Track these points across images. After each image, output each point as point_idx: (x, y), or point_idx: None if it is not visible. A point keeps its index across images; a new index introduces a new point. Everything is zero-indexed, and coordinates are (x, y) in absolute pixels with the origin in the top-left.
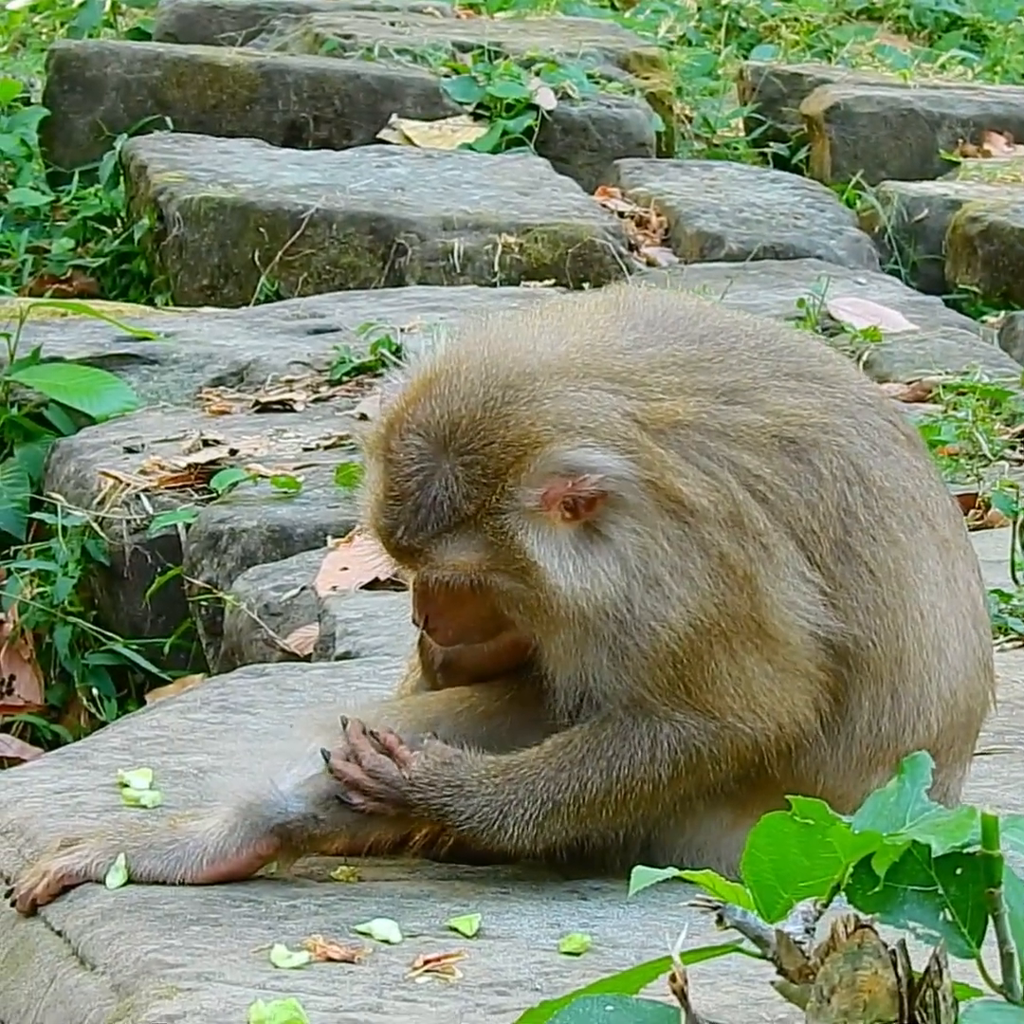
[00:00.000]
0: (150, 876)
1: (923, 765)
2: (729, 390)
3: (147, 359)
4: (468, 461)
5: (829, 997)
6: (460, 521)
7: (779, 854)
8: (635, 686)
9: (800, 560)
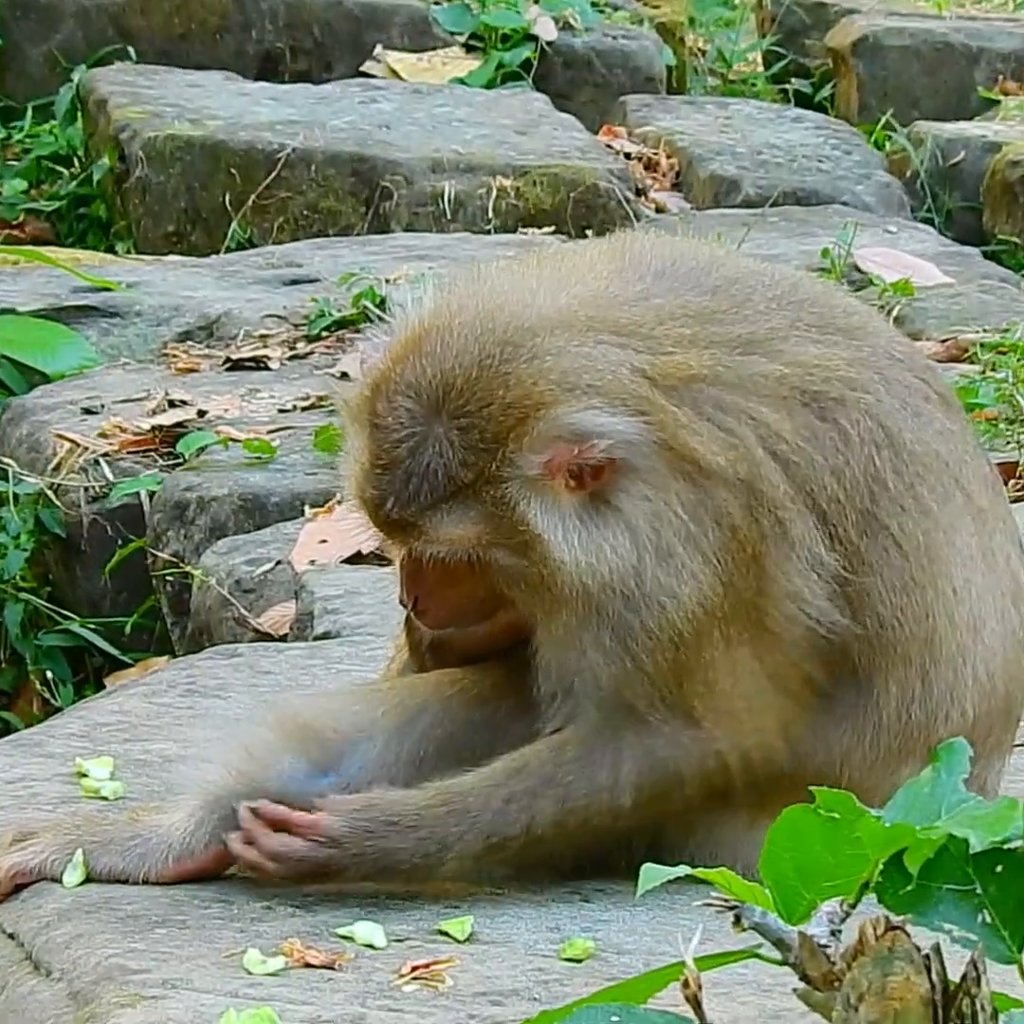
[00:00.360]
0: (110, 874)
1: (960, 752)
2: (745, 342)
3: (107, 311)
4: (464, 425)
5: (856, 1006)
6: (456, 491)
7: (801, 850)
8: (632, 671)
9: (818, 538)
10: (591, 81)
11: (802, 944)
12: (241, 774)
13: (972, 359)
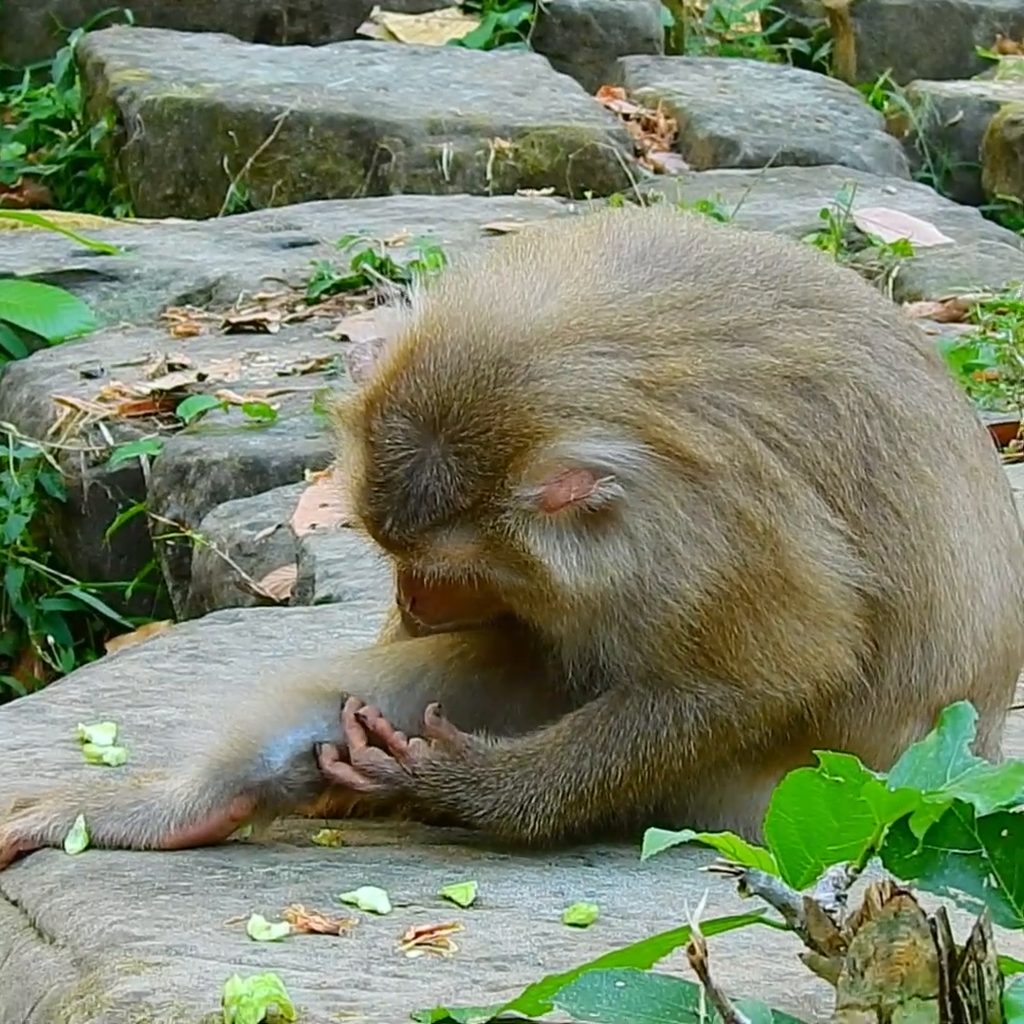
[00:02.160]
0: (113, 840)
1: (965, 717)
2: (733, 329)
3: (106, 275)
4: (462, 450)
5: (863, 970)
6: (455, 514)
7: (806, 814)
8: (652, 659)
9: (822, 507)
10: (589, 42)
11: (808, 909)
12: (243, 740)
13: (972, 319)
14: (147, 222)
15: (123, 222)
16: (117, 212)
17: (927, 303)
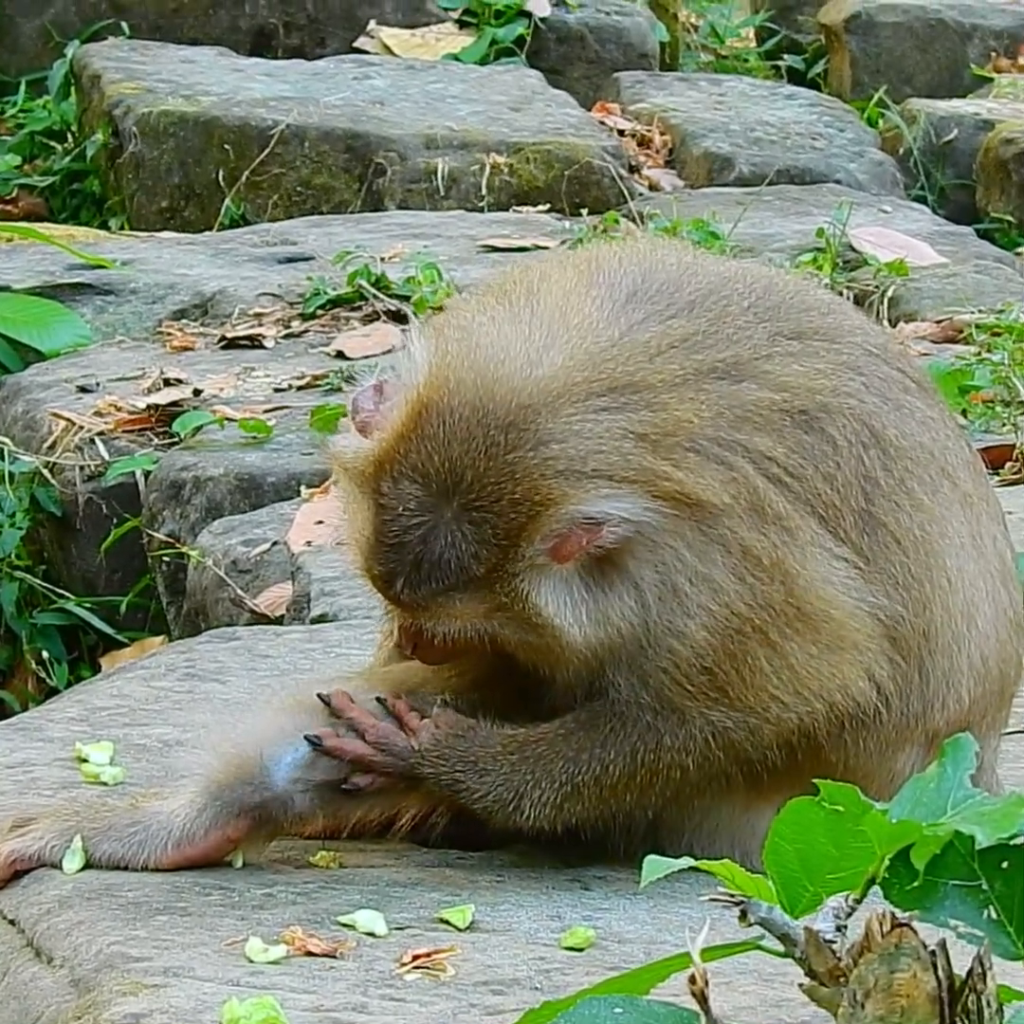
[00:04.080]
0: (110, 860)
1: (966, 748)
2: (731, 365)
3: (102, 289)
4: (476, 519)
5: (863, 1002)
6: (468, 580)
7: (805, 843)
8: (662, 694)
9: (826, 538)
10: (584, 57)
11: (808, 939)
12: (240, 762)
13: (967, 340)
14: (143, 235)
15: (119, 236)
16: (112, 224)
17: (922, 323)
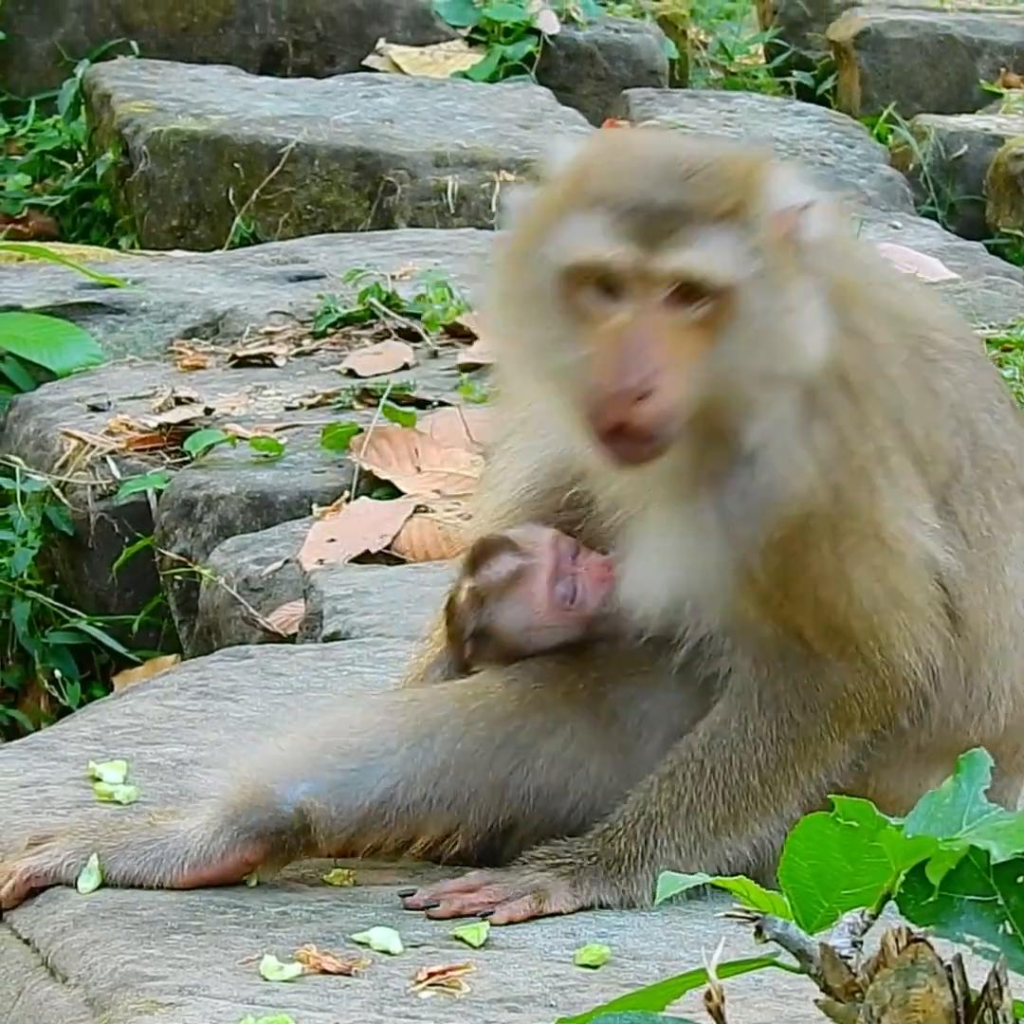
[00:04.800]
0: (126, 878)
1: (981, 763)
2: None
3: (113, 308)
4: (708, 173)
5: (879, 1017)
6: (720, 217)
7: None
8: (744, 565)
9: (914, 477)
10: (594, 74)
11: (824, 955)
12: (258, 788)
13: None
14: (153, 254)
15: (130, 254)
16: (122, 243)
17: None
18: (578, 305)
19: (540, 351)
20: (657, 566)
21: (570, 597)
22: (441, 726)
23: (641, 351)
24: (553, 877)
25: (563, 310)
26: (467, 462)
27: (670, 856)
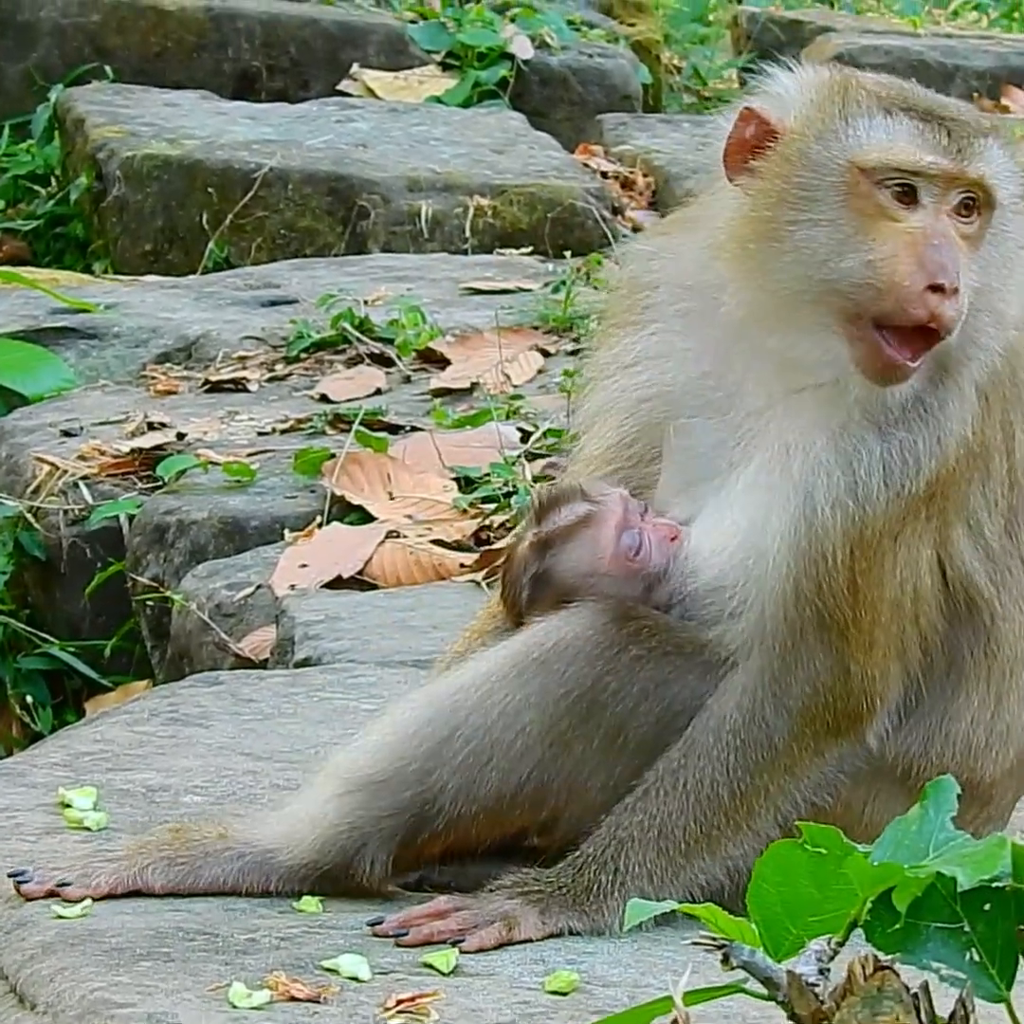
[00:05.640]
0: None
1: (948, 790)
2: None
3: (85, 333)
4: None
5: None
6: (1001, 139)
7: (788, 886)
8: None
9: (982, 503)
10: (567, 99)
11: (790, 983)
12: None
13: None
14: (126, 279)
15: (102, 279)
16: (96, 268)
17: None
18: (870, 206)
19: (817, 252)
20: (728, 525)
21: (635, 549)
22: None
23: (950, 252)
24: (522, 904)
25: (854, 209)
26: (439, 487)
27: (640, 882)
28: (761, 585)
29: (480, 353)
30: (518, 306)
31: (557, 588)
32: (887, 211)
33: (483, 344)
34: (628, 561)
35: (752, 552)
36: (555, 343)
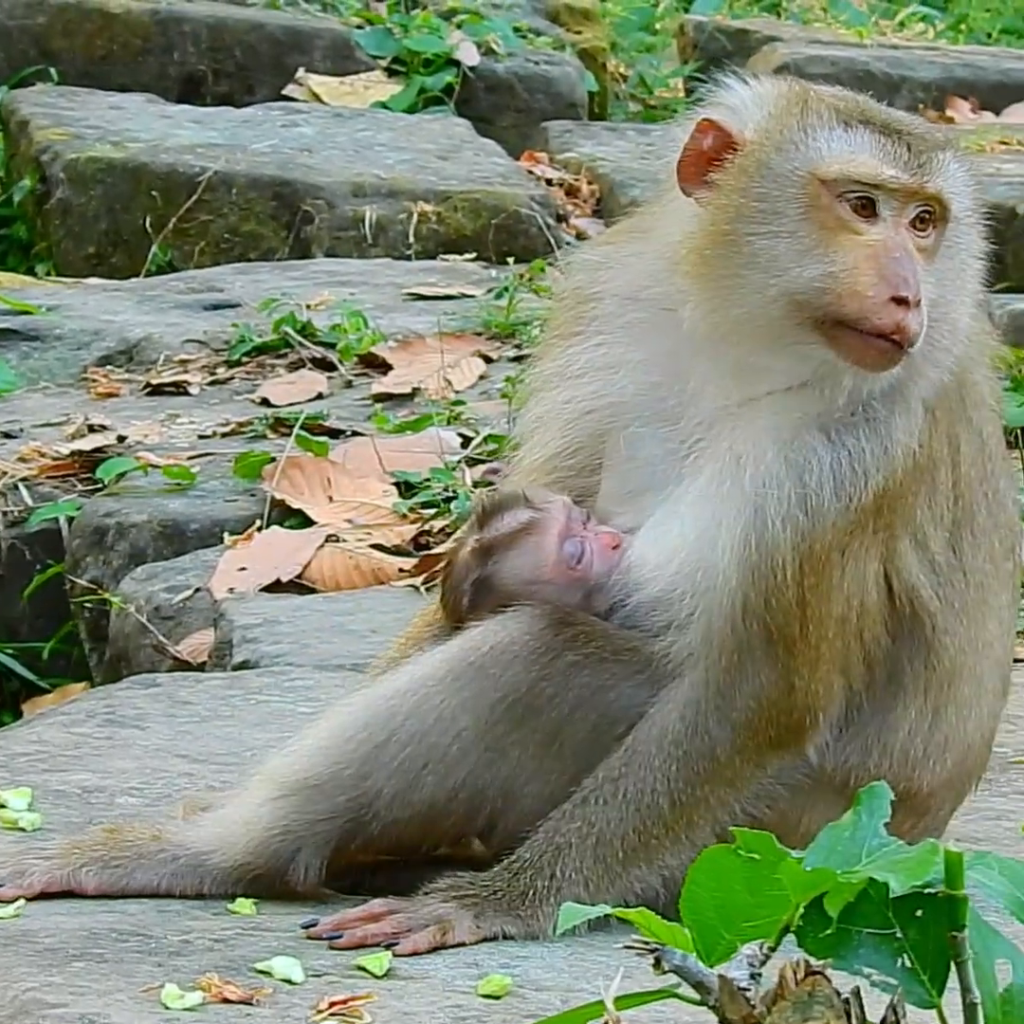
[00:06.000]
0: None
1: (881, 796)
2: None
3: (27, 335)
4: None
5: None
6: (957, 151)
7: (722, 890)
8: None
9: (928, 518)
10: (513, 106)
11: (722, 987)
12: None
13: None
14: (69, 281)
15: (45, 281)
16: (39, 270)
17: None
18: (831, 218)
19: (778, 263)
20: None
21: (577, 557)
22: None
23: (910, 265)
24: (457, 908)
25: (814, 221)
26: (379, 492)
27: (576, 889)
28: (709, 598)
29: (422, 358)
30: (461, 312)
31: (498, 594)
32: (847, 223)
33: (425, 349)
34: (570, 569)
35: (701, 565)
36: (497, 349)
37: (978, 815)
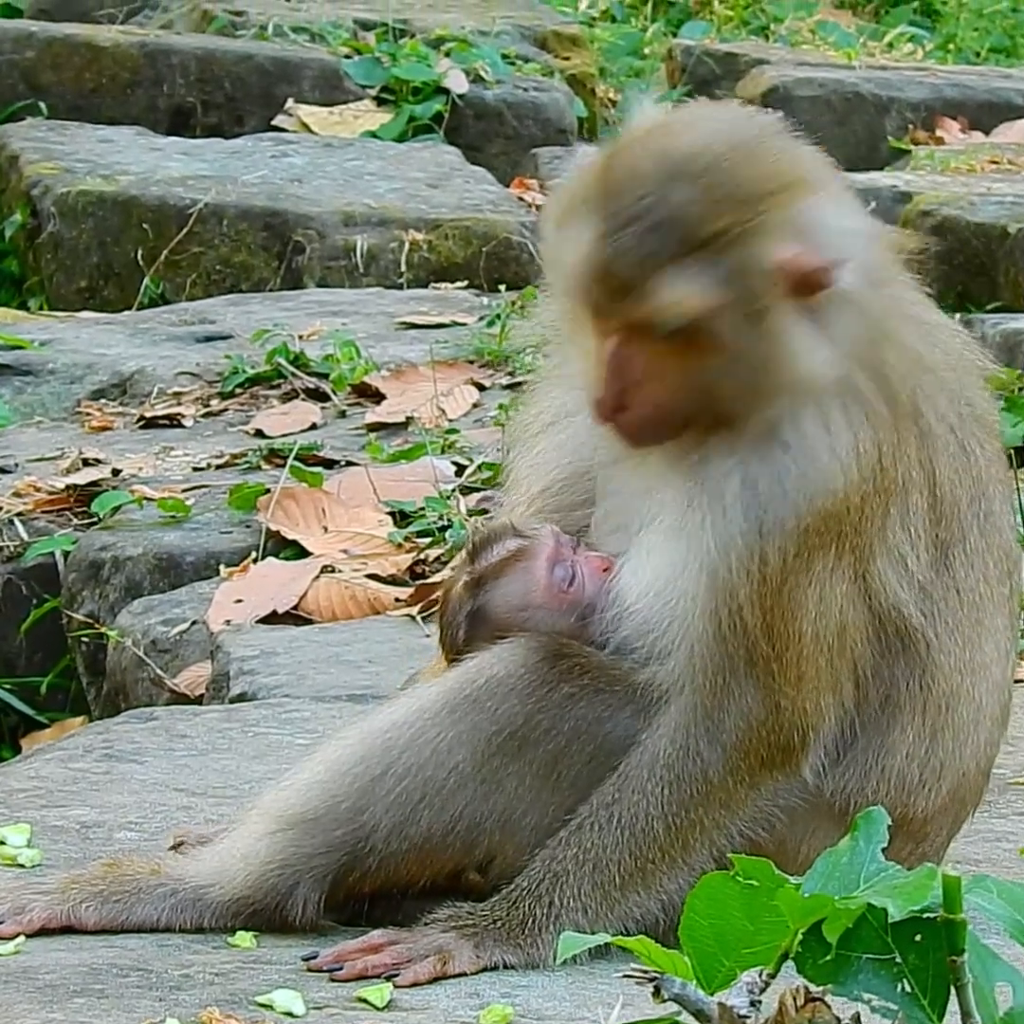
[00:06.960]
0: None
1: (879, 821)
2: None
3: (20, 369)
4: (712, 183)
5: None
6: (697, 247)
7: (720, 918)
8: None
9: (906, 538)
10: (502, 133)
11: (722, 1015)
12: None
13: None
14: (61, 315)
15: (38, 315)
16: (31, 304)
17: None
18: (578, 309)
19: (565, 337)
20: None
21: (568, 580)
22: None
23: (619, 370)
24: (456, 938)
25: (573, 308)
26: (374, 522)
27: (575, 916)
28: (687, 625)
29: (415, 387)
30: (453, 340)
31: (492, 624)
32: (588, 318)
33: (418, 378)
34: (561, 592)
35: (675, 594)
36: (490, 377)
37: (977, 836)
